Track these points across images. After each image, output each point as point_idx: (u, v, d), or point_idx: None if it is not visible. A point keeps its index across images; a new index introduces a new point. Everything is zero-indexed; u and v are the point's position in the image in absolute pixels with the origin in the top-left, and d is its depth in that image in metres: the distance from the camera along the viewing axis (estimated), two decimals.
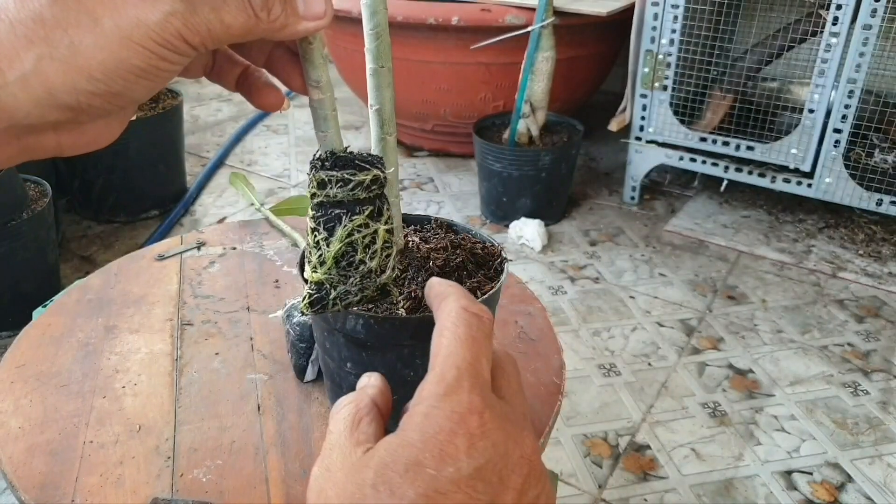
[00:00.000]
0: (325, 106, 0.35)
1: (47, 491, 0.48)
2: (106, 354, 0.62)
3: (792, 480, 1.07)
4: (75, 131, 0.29)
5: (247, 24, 0.28)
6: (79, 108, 0.26)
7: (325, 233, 0.35)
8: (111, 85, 0.26)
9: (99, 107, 0.27)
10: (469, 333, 0.29)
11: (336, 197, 0.34)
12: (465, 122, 2.02)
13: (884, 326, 1.44)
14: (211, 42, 0.27)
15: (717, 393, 1.25)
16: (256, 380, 0.60)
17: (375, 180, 0.35)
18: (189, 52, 0.27)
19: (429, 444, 0.26)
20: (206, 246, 0.81)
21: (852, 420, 1.19)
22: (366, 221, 0.34)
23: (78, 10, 0.25)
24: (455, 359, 0.28)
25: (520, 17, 1.78)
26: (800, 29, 1.62)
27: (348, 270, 0.35)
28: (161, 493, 0.49)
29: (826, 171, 1.63)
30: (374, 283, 0.35)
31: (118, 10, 0.25)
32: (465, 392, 0.27)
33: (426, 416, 0.27)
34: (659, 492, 1.05)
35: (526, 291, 0.72)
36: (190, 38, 0.26)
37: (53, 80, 0.25)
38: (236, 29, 0.28)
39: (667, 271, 1.63)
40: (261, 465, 0.51)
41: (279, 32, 0.29)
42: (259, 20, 0.28)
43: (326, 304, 0.35)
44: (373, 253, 0.35)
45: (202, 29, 0.27)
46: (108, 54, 0.25)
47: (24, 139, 0.28)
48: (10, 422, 0.54)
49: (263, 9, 0.28)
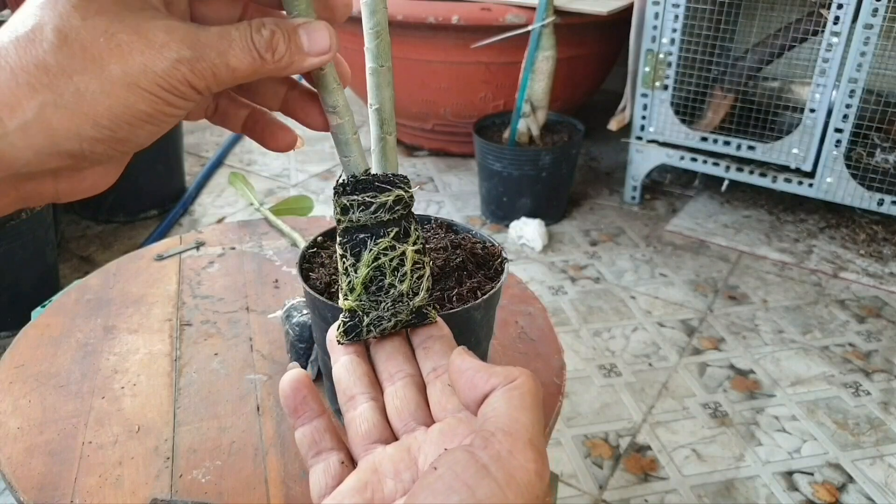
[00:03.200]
0: (345, 130, 0.35)
1: (46, 491, 0.48)
2: (105, 355, 0.62)
3: (793, 481, 1.07)
4: (74, 178, 0.28)
5: (252, 65, 0.28)
6: (81, 155, 0.26)
7: (353, 258, 0.34)
8: (116, 131, 0.26)
9: (101, 153, 0.26)
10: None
11: (359, 221, 0.33)
12: (465, 121, 2.02)
13: (885, 327, 1.44)
14: (216, 86, 0.27)
15: (717, 393, 1.25)
16: (256, 380, 0.60)
17: (399, 201, 0.34)
18: (194, 98, 0.27)
19: None
20: (205, 246, 0.80)
21: (853, 420, 1.19)
22: (391, 244, 0.33)
23: (84, 57, 0.25)
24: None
25: (520, 16, 1.77)
26: (801, 28, 1.62)
27: (379, 295, 0.34)
28: (160, 494, 0.49)
29: (827, 171, 1.62)
30: (408, 307, 0.34)
31: (125, 57, 0.25)
32: None
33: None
34: (660, 492, 1.05)
35: (526, 291, 0.72)
36: (196, 84, 0.27)
37: (57, 127, 0.25)
38: (242, 71, 0.28)
39: (668, 271, 1.63)
40: (260, 465, 0.51)
41: (285, 70, 0.29)
42: (264, 61, 0.28)
43: (360, 331, 0.34)
44: (402, 276, 0.33)
45: (208, 73, 0.27)
46: (114, 100, 0.25)
47: (22, 187, 0.27)
48: (9, 422, 0.54)
49: (268, 50, 0.28)
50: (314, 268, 0.51)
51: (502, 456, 0.24)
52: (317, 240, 0.54)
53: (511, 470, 0.24)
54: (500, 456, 0.24)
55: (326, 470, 0.31)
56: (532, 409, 0.26)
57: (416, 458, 0.29)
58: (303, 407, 0.32)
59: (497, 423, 0.25)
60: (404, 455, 0.30)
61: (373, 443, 0.31)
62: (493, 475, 0.23)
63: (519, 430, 0.25)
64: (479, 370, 0.28)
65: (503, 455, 0.24)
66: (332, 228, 0.56)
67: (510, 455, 0.24)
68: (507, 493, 0.23)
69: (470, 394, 0.28)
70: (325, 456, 0.31)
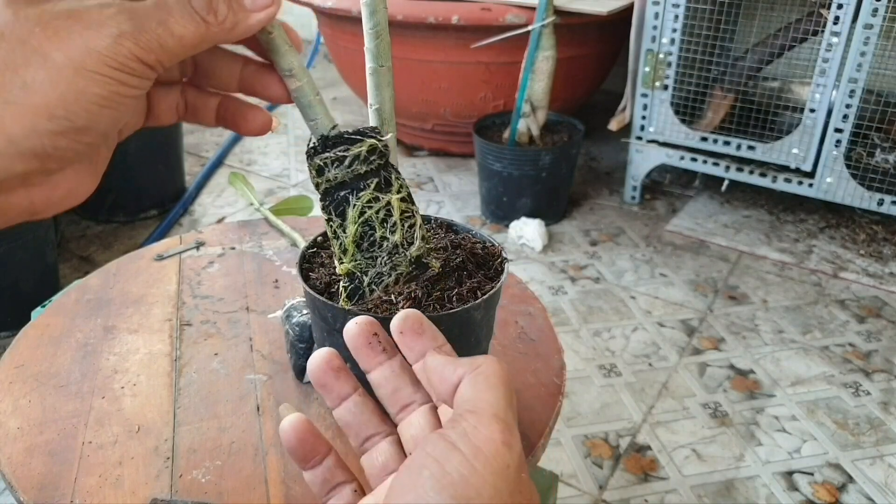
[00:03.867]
0: (305, 93, 0.33)
1: (46, 491, 0.48)
2: (105, 355, 0.62)
3: (793, 481, 1.07)
4: (46, 185, 0.27)
5: (197, 31, 0.27)
6: (44, 153, 0.25)
7: (339, 219, 0.32)
8: (74, 119, 0.25)
9: (65, 148, 0.25)
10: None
11: (337, 179, 0.32)
12: (465, 121, 2.02)
13: (885, 327, 1.44)
14: (167, 57, 0.27)
15: (717, 393, 1.25)
16: (256, 380, 0.60)
17: (373, 150, 0.32)
18: (147, 73, 0.27)
19: None
20: (205, 246, 0.80)
21: (853, 420, 1.19)
22: (374, 195, 0.32)
23: (24, 50, 0.24)
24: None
25: (520, 16, 1.77)
26: (801, 28, 1.62)
27: (373, 251, 0.32)
28: (160, 494, 0.49)
29: (827, 171, 1.62)
30: (406, 259, 0.32)
31: (65, 42, 0.24)
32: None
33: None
34: (660, 492, 1.05)
35: (526, 291, 0.72)
36: (145, 57, 0.26)
37: (11, 126, 0.24)
38: (189, 38, 0.27)
39: (668, 271, 1.63)
40: (260, 465, 0.51)
41: (232, 32, 0.29)
42: (209, 24, 0.28)
43: (363, 292, 0.32)
44: (392, 226, 0.32)
45: (154, 45, 0.26)
46: (65, 87, 0.24)
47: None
48: (9, 422, 0.54)
49: (209, 12, 0.28)
50: (314, 268, 0.51)
51: (468, 431, 0.25)
52: (317, 240, 0.54)
53: (477, 443, 0.25)
54: (465, 432, 0.25)
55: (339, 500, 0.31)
56: (496, 387, 0.26)
57: None
58: (312, 453, 0.31)
59: (464, 405, 0.26)
60: None
61: (388, 473, 0.31)
62: (461, 449, 0.24)
63: (483, 407, 0.26)
64: (447, 364, 0.28)
65: (469, 430, 0.25)
66: None
67: (475, 430, 0.25)
68: (474, 464, 0.24)
69: (442, 387, 0.28)
70: (338, 490, 0.31)
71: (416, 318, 0.30)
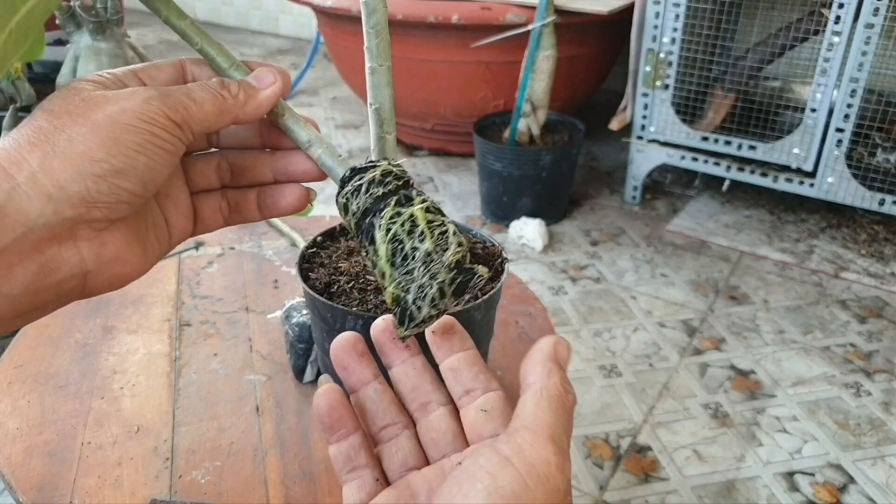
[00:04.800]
0: (325, 159, 0.36)
1: (45, 492, 0.48)
2: (104, 355, 0.62)
3: (794, 482, 1.07)
4: (94, 241, 0.29)
5: (215, 101, 0.32)
6: (90, 197, 0.28)
7: (371, 245, 0.32)
8: (112, 161, 0.28)
9: (108, 193, 0.28)
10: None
11: (360, 208, 0.33)
12: (465, 121, 2.02)
13: (886, 327, 1.43)
14: (191, 119, 0.31)
15: (718, 394, 1.25)
16: (255, 381, 0.60)
17: (387, 173, 0.33)
18: (175, 130, 0.30)
19: None
20: (204, 246, 0.80)
21: (854, 421, 1.19)
22: (396, 211, 0.32)
23: (70, 115, 0.29)
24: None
25: (520, 15, 1.77)
26: (802, 28, 1.62)
27: (407, 264, 0.31)
28: (159, 495, 0.48)
29: (828, 171, 1.62)
30: (443, 265, 0.31)
31: (104, 107, 0.29)
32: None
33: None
34: (660, 493, 1.05)
35: (526, 292, 0.71)
36: (172, 115, 0.30)
37: (59, 172, 0.27)
38: (208, 106, 0.32)
39: (668, 271, 1.62)
40: (260, 466, 0.51)
41: (246, 107, 0.34)
42: (224, 98, 0.33)
43: (411, 312, 0.31)
44: (420, 235, 0.32)
45: (180, 107, 0.31)
46: (103, 135, 0.28)
47: (45, 250, 0.28)
48: (8, 423, 0.54)
49: (223, 89, 0.33)
50: (314, 268, 0.51)
51: (524, 449, 0.26)
52: (316, 240, 0.54)
53: (532, 461, 0.25)
54: (521, 449, 0.26)
55: (361, 486, 0.31)
56: (558, 411, 0.27)
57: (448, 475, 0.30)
58: (339, 424, 0.32)
59: (523, 420, 0.27)
60: (438, 474, 0.31)
61: (408, 470, 0.32)
62: (515, 465, 0.25)
63: (542, 427, 0.26)
64: (531, 363, 0.29)
65: (525, 448, 0.26)
66: (331, 228, 0.56)
67: (531, 448, 0.26)
68: (527, 482, 0.25)
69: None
70: (360, 472, 0.31)
71: (449, 320, 0.32)
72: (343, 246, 0.53)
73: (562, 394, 0.28)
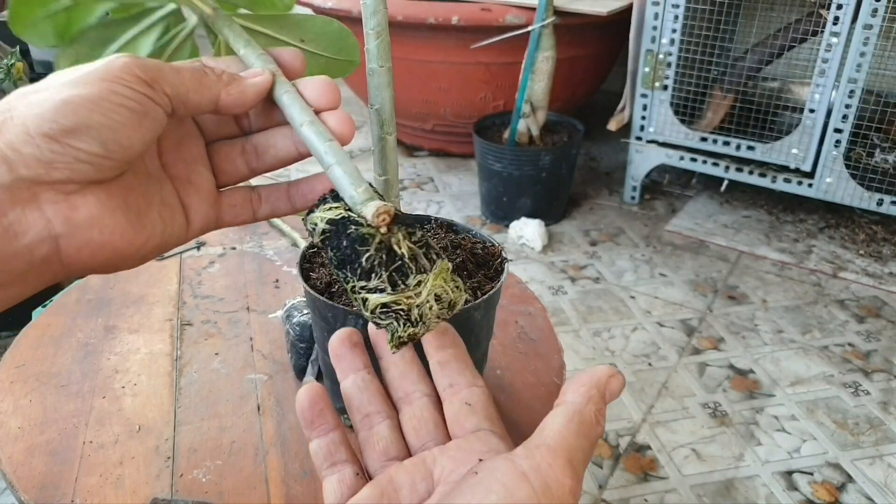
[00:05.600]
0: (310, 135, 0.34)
1: (47, 491, 0.48)
2: (105, 354, 0.62)
3: (792, 481, 1.07)
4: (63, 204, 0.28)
5: (193, 72, 0.31)
6: (44, 158, 0.27)
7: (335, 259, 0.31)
8: (61, 120, 0.27)
9: (62, 153, 0.27)
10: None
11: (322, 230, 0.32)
12: (465, 121, 2.02)
13: (884, 327, 1.44)
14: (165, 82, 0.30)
15: (717, 393, 1.25)
16: (256, 380, 0.60)
17: (366, 238, 0.31)
18: (142, 86, 0.29)
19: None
20: (205, 246, 0.81)
21: (853, 420, 1.19)
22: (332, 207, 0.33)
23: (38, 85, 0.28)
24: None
25: (520, 16, 1.77)
26: (800, 28, 1.62)
27: (340, 245, 0.31)
28: (161, 494, 0.49)
29: (827, 171, 1.62)
30: (367, 237, 0.30)
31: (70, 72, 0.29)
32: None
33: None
34: (659, 492, 1.05)
35: (526, 291, 0.72)
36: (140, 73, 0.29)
37: (13, 134, 0.27)
38: (186, 74, 0.31)
39: (667, 271, 1.63)
40: (261, 465, 0.51)
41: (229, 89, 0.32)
42: (205, 73, 0.31)
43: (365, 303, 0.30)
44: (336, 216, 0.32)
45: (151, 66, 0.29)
46: (58, 97, 0.27)
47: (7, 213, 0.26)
48: (10, 422, 0.54)
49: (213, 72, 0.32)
50: (315, 268, 0.51)
51: (542, 467, 0.26)
52: None
53: (548, 481, 0.25)
54: (539, 467, 0.26)
55: (342, 480, 0.31)
56: (584, 436, 0.27)
57: (431, 470, 0.30)
58: (319, 420, 0.32)
59: (545, 438, 0.27)
60: (420, 467, 0.30)
61: (389, 460, 0.32)
62: (531, 482, 0.25)
63: (563, 448, 0.27)
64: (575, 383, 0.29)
65: (542, 467, 0.26)
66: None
67: (549, 468, 0.26)
68: (541, 500, 0.25)
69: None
70: (340, 468, 0.32)
71: (445, 325, 0.33)
72: None
73: (593, 422, 0.28)
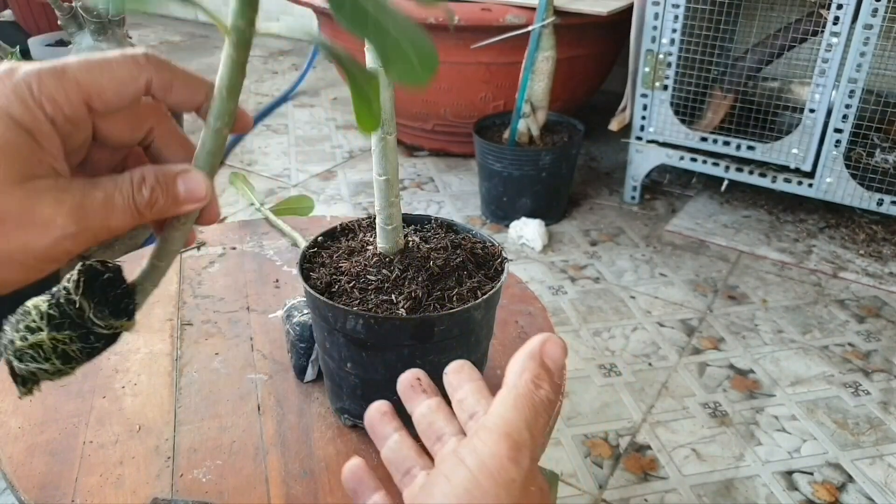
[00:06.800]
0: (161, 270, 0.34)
1: (47, 491, 0.48)
2: (105, 354, 0.62)
3: (793, 481, 1.07)
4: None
5: (131, 223, 0.29)
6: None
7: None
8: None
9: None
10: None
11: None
12: (465, 121, 2.02)
13: (885, 326, 1.44)
14: (93, 246, 0.29)
15: (717, 393, 1.25)
16: (256, 380, 0.60)
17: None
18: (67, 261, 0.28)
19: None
20: (205, 246, 0.81)
21: (853, 420, 1.19)
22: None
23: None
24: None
25: (520, 16, 1.77)
26: (800, 28, 1.62)
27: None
28: (161, 494, 0.49)
29: (827, 171, 1.62)
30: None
31: (8, 236, 0.26)
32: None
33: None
34: (659, 492, 1.05)
35: (526, 291, 0.72)
36: (75, 251, 0.28)
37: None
38: (121, 228, 0.29)
39: (667, 271, 1.63)
40: (261, 465, 0.51)
41: (159, 217, 0.31)
42: (142, 216, 0.29)
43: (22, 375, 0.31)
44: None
45: (90, 240, 0.28)
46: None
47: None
48: (10, 422, 0.54)
49: (147, 207, 0.29)
50: (315, 267, 0.51)
51: (477, 448, 0.28)
52: (317, 240, 0.54)
53: (483, 458, 0.27)
54: (474, 448, 0.28)
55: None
56: (520, 408, 0.29)
57: None
58: (362, 486, 0.35)
59: (484, 421, 0.29)
60: None
61: None
62: (467, 464, 0.27)
63: (499, 424, 0.28)
64: (511, 363, 0.31)
65: (478, 447, 0.28)
66: (332, 228, 0.56)
67: (483, 445, 0.28)
68: (478, 478, 0.27)
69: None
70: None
71: (460, 362, 0.36)
72: (344, 246, 0.53)
73: (530, 391, 0.29)
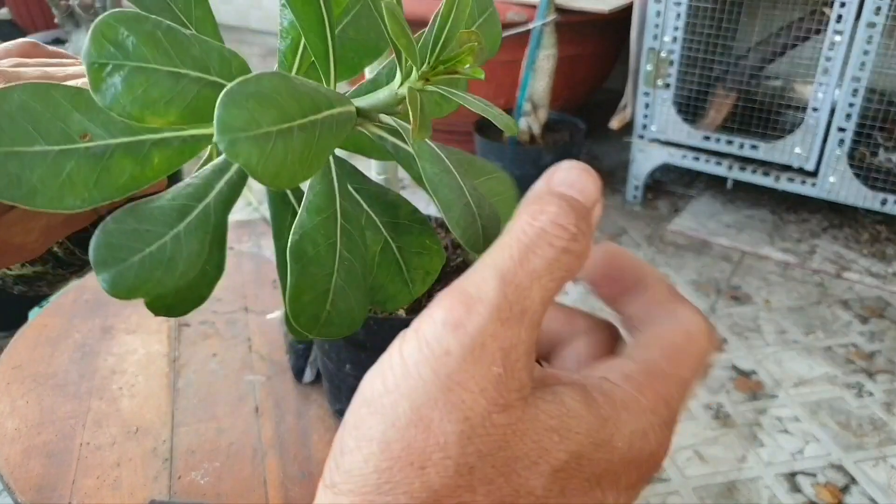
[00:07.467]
0: None
1: (44, 493, 0.48)
2: (103, 355, 0.62)
3: (795, 482, 1.07)
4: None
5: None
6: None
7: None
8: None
9: None
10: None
11: None
12: (465, 120, 2.02)
13: (888, 327, 1.43)
14: None
15: (720, 394, 1.24)
16: (254, 381, 0.59)
17: None
18: None
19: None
20: None
21: (856, 422, 1.19)
22: None
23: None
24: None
25: (521, 14, 1.77)
26: (803, 27, 1.61)
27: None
28: (158, 496, 0.48)
29: (830, 171, 1.62)
30: None
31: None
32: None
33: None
34: (662, 494, 1.04)
35: None
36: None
37: None
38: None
39: (670, 271, 1.62)
40: (259, 467, 0.51)
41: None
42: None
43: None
44: None
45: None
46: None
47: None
48: (7, 423, 0.54)
49: None
50: None
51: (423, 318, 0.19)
52: None
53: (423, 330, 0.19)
54: (430, 314, 0.19)
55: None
56: (508, 245, 0.19)
57: None
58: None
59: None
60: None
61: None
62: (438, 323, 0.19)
63: (487, 263, 0.19)
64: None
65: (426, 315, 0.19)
66: None
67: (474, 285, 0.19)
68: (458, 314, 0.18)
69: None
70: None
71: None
72: None
73: (522, 224, 0.19)
